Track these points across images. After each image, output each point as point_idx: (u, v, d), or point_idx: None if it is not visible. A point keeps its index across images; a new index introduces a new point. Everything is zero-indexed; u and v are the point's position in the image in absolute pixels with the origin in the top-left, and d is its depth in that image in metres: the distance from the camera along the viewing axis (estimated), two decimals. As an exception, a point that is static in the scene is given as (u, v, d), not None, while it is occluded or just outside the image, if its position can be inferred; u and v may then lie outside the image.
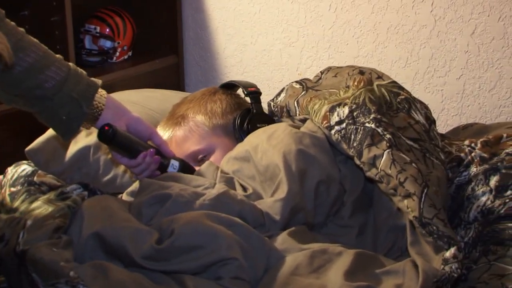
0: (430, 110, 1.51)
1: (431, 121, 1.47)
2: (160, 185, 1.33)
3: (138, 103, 1.76)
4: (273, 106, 1.59)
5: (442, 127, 2.23)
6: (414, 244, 1.27)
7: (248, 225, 1.25)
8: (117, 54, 2.68)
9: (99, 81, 1.37)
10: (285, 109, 1.55)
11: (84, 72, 1.36)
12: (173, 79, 2.77)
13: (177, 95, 1.90)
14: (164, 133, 1.56)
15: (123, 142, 1.36)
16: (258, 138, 1.43)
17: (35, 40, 1.32)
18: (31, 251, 1.16)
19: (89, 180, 1.52)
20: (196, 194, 1.30)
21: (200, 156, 1.53)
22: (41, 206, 1.33)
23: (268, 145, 1.39)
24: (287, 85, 1.60)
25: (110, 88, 1.40)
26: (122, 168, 1.58)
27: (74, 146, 1.59)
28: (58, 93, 1.31)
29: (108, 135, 1.33)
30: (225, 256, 1.16)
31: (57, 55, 1.34)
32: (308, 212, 1.34)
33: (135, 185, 1.40)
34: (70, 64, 1.34)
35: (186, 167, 1.45)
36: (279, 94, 1.60)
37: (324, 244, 1.28)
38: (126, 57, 2.73)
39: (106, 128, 1.33)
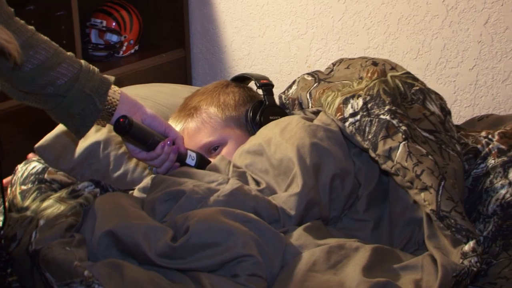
0: (445, 101, 1.48)
1: (446, 112, 1.45)
2: (173, 181, 1.31)
3: (148, 97, 1.75)
4: (284, 98, 1.57)
5: (455, 118, 2.20)
6: (432, 238, 1.25)
7: (263, 221, 1.23)
8: (124, 48, 2.67)
9: (112, 78, 1.37)
10: (296, 102, 1.54)
11: (96, 68, 1.35)
12: (180, 73, 2.76)
13: (186, 89, 1.89)
14: (176, 124, 1.54)
15: (140, 133, 1.35)
16: (271, 131, 1.42)
17: (46, 37, 1.32)
18: (44, 251, 1.15)
19: (100, 176, 1.51)
20: (210, 190, 1.29)
21: (213, 147, 1.51)
22: (53, 205, 1.32)
23: (282, 138, 1.38)
24: (299, 77, 1.59)
25: (117, 82, 1.40)
26: (132, 163, 1.56)
27: (84, 142, 1.58)
28: (71, 90, 1.30)
29: (124, 126, 1.32)
30: (241, 253, 1.15)
31: (68, 53, 1.33)
32: (323, 207, 1.33)
33: (146, 181, 1.39)
34: (82, 61, 1.34)
35: (203, 159, 1.45)
36: (290, 87, 1.58)
37: (341, 239, 1.26)
38: (132, 51, 2.72)
39: (122, 120, 1.32)
